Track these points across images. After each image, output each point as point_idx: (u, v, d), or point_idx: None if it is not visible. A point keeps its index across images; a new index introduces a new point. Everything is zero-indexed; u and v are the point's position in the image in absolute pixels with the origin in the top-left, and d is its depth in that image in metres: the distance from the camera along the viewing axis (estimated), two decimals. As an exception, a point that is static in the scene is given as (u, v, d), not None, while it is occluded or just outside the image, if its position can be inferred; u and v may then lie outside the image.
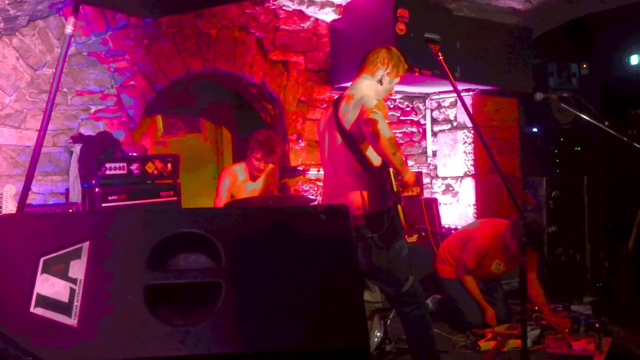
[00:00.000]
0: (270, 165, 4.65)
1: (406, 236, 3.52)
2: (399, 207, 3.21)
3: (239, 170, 4.57)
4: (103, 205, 4.03)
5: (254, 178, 4.54)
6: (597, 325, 4.18)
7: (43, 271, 1.62)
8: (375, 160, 3.25)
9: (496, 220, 4.91)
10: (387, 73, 3.39)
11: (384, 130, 3.02)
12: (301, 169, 5.50)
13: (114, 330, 1.54)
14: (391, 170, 3.18)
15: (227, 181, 4.53)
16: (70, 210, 4.02)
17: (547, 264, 5.54)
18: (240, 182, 4.53)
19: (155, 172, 4.37)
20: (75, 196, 4.18)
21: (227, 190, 4.50)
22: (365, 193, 3.27)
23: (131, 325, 1.54)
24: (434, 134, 6.38)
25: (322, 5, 5.23)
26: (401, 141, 6.25)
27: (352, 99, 3.30)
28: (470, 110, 5.62)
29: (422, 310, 3.41)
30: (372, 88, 3.38)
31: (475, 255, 4.52)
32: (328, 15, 5.38)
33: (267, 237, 1.72)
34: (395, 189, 3.18)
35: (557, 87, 5.80)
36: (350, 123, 3.26)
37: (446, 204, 6.23)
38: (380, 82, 3.40)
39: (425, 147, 6.42)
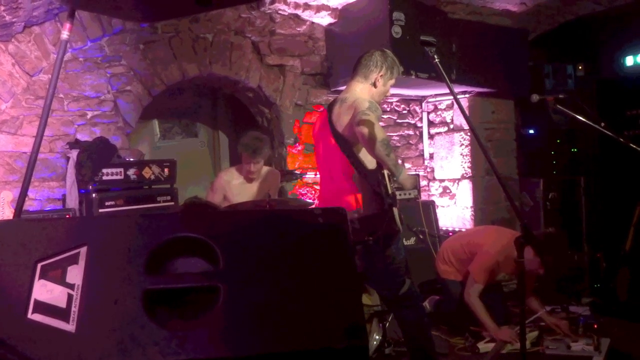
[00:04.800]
0: (266, 168, 4.67)
1: (403, 239, 3.52)
2: (395, 209, 3.21)
3: (234, 172, 4.60)
4: (100, 210, 4.03)
5: (249, 180, 4.55)
6: (595, 326, 4.18)
7: (40, 277, 1.61)
8: (370, 162, 3.24)
9: (502, 231, 4.68)
10: (381, 75, 3.38)
11: (377, 132, 3.01)
12: (298, 172, 5.50)
13: (112, 336, 1.53)
14: (386, 172, 3.17)
15: (222, 180, 4.57)
16: (68, 216, 4.01)
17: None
18: (235, 183, 4.55)
19: (152, 177, 4.37)
20: (73, 202, 4.17)
21: (220, 189, 4.52)
22: (360, 196, 3.26)
23: (129, 330, 1.54)
24: (431, 137, 6.39)
25: (318, 9, 5.24)
26: (398, 144, 6.25)
27: (345, 102, 3.30)
28: (467, 112, 5.62)
29: (420, 312, 3.41)
30: (366, 91, 3.37)
31: (484, 273, 4.32)
32: (324, 19, 5.38)
33: (265, 240, 1.72)
34: (390, 191, 3.18)
35: (553, 89, 5.82)
36: (343, 126, 3.26)
37: (443, 207, 6.24)
38: (374, 84, 3.39)
39: (422, 150, 6.42)
